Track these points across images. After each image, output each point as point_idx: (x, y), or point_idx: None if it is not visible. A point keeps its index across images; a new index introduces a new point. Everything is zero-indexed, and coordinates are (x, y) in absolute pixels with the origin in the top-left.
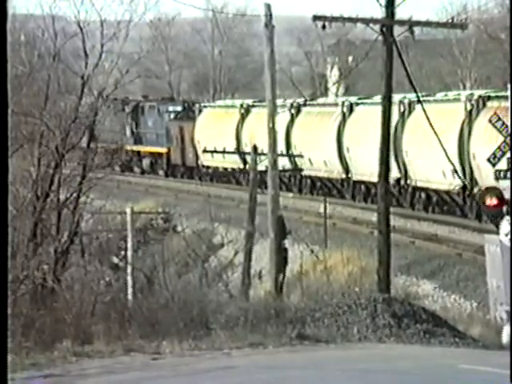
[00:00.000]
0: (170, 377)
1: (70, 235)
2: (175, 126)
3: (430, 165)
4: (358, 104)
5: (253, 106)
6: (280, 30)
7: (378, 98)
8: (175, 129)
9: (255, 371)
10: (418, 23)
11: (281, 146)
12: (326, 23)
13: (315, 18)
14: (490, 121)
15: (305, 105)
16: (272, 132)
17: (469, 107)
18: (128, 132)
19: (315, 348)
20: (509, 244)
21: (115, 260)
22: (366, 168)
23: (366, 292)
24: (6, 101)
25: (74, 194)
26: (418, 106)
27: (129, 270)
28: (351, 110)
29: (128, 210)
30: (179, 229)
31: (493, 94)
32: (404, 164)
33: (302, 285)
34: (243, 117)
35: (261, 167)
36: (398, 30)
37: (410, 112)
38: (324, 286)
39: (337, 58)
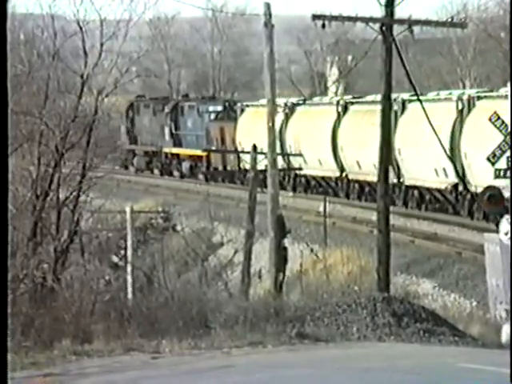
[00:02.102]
0: (170, 376)
1: (69, 234)
2: (216, 126)
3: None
4: (410, 101)
5: (297, 104)
6: (279, 29)
7: (432, 95)
8: (215, 130)
9: (255, 370)
10: (418, 22)
11: (327, 147)
12: (326, 22)
13: (315, 17)
14: (490, 119)
15: (352, 103)
16: (272, 131)
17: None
18: (167, 133)
19: (315, 347)
20: (508, 243)
21: (115, 259)
22: (420, 171)
23: (365, 291)
24: (6, 100)
25: (74, 193)
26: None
27: (128, 269)
28: (403, 108)
29: (128, 209)
30: (179, 228)
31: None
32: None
33: (301, 284)
34: (287, 116)
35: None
36: (397, 29)
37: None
38: (324, 285)
39: (336, 57)
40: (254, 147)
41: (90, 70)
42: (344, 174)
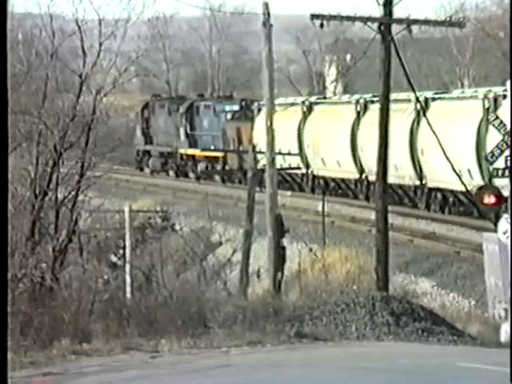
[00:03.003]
0: (169, 375)
1: (68, 234)
2: (232, 126)
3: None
4: (434, 99)
5: (316, 103)
6: (278, 28)
7: (456, 93)
8: (232, 130)
9: (253, 369)
10: (416, 22)
11: (346, 148)
12: (324, 22)
13: (313, 16)
14: (488, 120)
15: (372, 101)
16: (270, 130)
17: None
18: (182, 134)
19: (313, 346)
20: (507, 242)
21: (113, 258)
22: (444, 173)
23: (364, 290)
24: (5, 100)
25: (73, 193)
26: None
27: (127, 268)
28: (426, 106)
29: (126, 209)
30: (177, 227)
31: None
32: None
33: (300, 283)
34: (305, 115)
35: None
36: (395, 29)
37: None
38: (322, 285)
39: (335, 57)
40: (253, 147)
41: (89, 69)
42: (364, 176)
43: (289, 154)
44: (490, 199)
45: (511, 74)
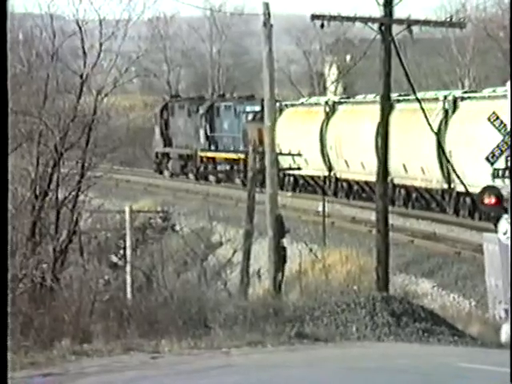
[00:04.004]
0: (169, 375)
1: (68, 234)
2: (253, 128)
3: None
4: (463, 99)
5: (339, 102)
6: (278, 28)
7: (487, 92)
8: (253, 131)
9: (254, 370)
10: (417, 22)
11: (370, 149)
12: (325, 22)
13: (314, 16)
14: (489, 119)
15: (398, 101)
16: (271, 131)
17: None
18: (202, 135)
19: (314, 347)
20: (507, 242)
21: (114, 259)
22: (474, 176)
23: (364, 291)
24: (6, 100)
25: (73, 193)
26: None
27: (128, 268)
28: (455, 106)
29: (127, 209)
30: (178, 228)
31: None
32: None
33: (300, 283)
34: (328, 116)
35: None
36: (396, 29)
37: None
38: (323, 285)
39: (335, 57)
40: (253, 147)
41: (89, 69)
42: (389, 179)
43: (289, 154)
44: (490, 200)
45: (511, 75)
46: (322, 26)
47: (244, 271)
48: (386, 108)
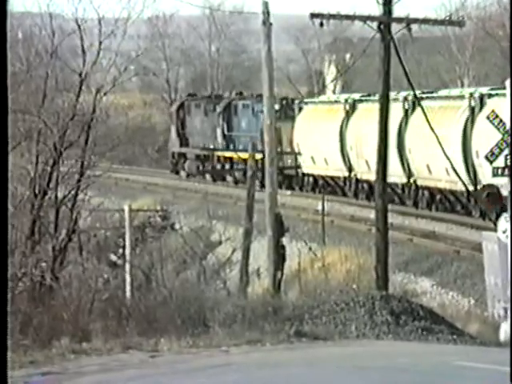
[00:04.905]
0: (168, 374)
1: (67, 233)
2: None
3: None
4: (490, 96)
5: (360, 100)
6: (277, 27)
7: None
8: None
9: (253, 368)
10: (416, 21)
11: (392, 149)
12: (324, 21)
13: (313, 15)
14: (488, 118)
15: (421, 98)
16: (270, 129)
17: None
18: (219, 135)
19: (313, 345)
20: (506, 241)
21: (113, 257)
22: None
23: (363, 289)
24: (6, 99)
25: (72, 192)
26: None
27: (127, 267)
28: (481, 104)
29: (126, 208)
30: (177, 226)
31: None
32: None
33: (299, 282)
34: (348, 114)
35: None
36: (395, 28)
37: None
38: (322, 284)
39: (334, 56)
40: (253, 146)
41: (89, 68)
42: (412, 180)
43: (287, 153)
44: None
45: (511, 73)
46: (321, 24)
47: (243, 270)
48: (385, 106)
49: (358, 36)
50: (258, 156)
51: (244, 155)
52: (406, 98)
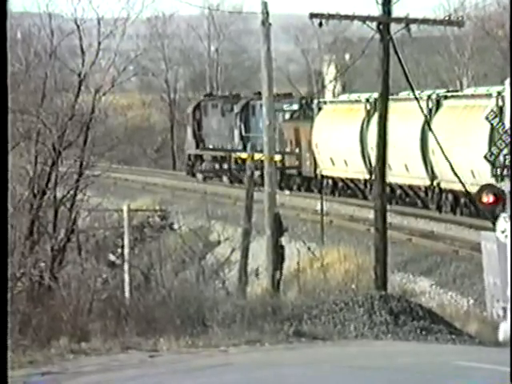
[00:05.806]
0: (167, 374)
1: (66, 233)
2: (290, 127)
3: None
4: None
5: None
6: (277, 27)
7: None
8: (289, 131)
9: (252, 368)
10: (415, 21)
11: (415, 150)
12: (323, 21)
13: (312, 15)
14: (487, 118)
15: (446, 97)
16: (268, 128)
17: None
18: (236, 136)
19: (312, 345)
20: (505, 241)
21: (112, 257)
22: None
23: (362, 289)
24: (5, 99)
25: (71, 192)
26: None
27: (126, 267)
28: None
29: (125, 208)
30: (176, 226)
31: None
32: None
33: (298, 282)
34: (369, 114)
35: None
36: (394, 28)
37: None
38: (321, 284)
39: (333, 56)
40: (252, 146)
41: (88, 68)
42: (435, 183)
43: (286, 153)
44: (488, 198)
45: (511, 73)
46: (321, 24)
47: (242, 270)
48: (385, 106)
49: (357, 36)
50: (276, 158)
51: (261, 156)
52: (429, 97)
